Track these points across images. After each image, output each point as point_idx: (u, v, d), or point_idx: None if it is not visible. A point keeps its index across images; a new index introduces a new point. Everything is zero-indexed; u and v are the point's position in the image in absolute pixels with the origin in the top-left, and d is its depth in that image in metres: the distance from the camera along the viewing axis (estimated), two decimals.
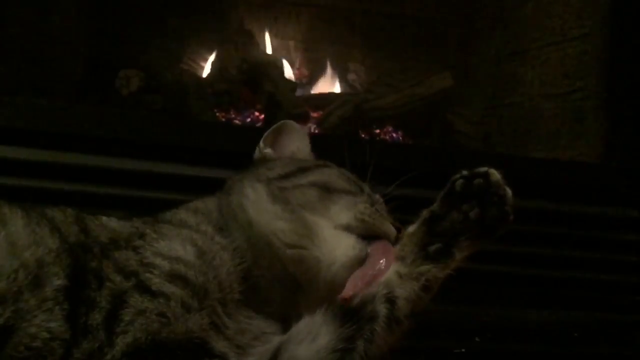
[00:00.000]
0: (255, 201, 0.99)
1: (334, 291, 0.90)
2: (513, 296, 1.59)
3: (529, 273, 1.62)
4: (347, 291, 0.88)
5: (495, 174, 0.90)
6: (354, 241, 0.95)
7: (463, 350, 1.50)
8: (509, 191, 0.90)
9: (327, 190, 1.00)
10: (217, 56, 2.53)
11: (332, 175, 1.05)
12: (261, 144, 1.15)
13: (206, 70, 2.53)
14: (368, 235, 0.96)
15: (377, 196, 1.09)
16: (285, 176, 1.03)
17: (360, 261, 0.93)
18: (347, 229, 0.96)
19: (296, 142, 1.17)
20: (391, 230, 0.99)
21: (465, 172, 0.91)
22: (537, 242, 1.62)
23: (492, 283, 1.58)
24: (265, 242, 0.95)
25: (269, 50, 2.62)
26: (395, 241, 0.97)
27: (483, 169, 0.91)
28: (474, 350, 1.52)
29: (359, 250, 0.94)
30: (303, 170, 1.05)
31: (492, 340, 1.53)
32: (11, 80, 1.90)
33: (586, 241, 1.67)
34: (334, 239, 0.95)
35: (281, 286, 0.95)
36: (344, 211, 0.98)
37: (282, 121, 1.19)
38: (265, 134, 1.16)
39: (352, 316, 0.84)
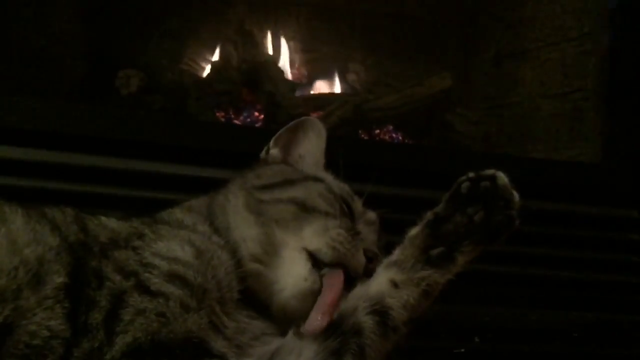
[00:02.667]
0: (234, 207, 0.99)
1: (286, 317, 0.88)
2: (513, 296, 1.59)
3: (529, 273, 1.61)
4: (310, 325, 0.83)
5: (503, 177, 0.88)
6: (307, 272, 0.90)
7: (463, 350, 1.50)
8: (516, 195, 0.88)
9: (304, 209, 0.96)
10: (217, 56, 2.53)
11: (313, 193, 1.00)
12: (272, 142, 1.13)
13: (206, 70, 2.53)
14: (335, 263, 0.91)
15: (372, 214, 1.07)
16: (269, 187, 1.02)
17: (314, 294, 0.87)
18: (316, 253, 0.91)
19: (308, 143, 1.14)
20: (360, 263, 0.93)
21: (471, 174, 0.89)
22: (537, 242, 1.62)
23: (492, 283, 1.58)
24: (236, 249, 0.94)
25: (269, 50, 2.62)
26: (364, 273, 0.93)
27: (490, 172, 0.89)
28: (474, 350, 1.51)
29: (311, 283, 0.89)
30: (288, 183, 1.03)
31: (492, 340, 1.53)
32: (11, 80, 1.90)
33: (586, 241, 1.67)
34: (291, 262, 0.91)
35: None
36: (316, 234, 0.93)
37: (303, 117, 1.16)
38: (281, 130, 1.14)
39: (335, 330, 0.83)
